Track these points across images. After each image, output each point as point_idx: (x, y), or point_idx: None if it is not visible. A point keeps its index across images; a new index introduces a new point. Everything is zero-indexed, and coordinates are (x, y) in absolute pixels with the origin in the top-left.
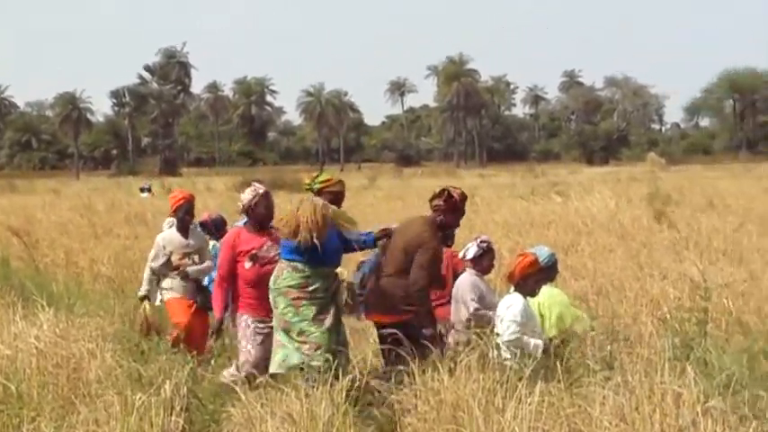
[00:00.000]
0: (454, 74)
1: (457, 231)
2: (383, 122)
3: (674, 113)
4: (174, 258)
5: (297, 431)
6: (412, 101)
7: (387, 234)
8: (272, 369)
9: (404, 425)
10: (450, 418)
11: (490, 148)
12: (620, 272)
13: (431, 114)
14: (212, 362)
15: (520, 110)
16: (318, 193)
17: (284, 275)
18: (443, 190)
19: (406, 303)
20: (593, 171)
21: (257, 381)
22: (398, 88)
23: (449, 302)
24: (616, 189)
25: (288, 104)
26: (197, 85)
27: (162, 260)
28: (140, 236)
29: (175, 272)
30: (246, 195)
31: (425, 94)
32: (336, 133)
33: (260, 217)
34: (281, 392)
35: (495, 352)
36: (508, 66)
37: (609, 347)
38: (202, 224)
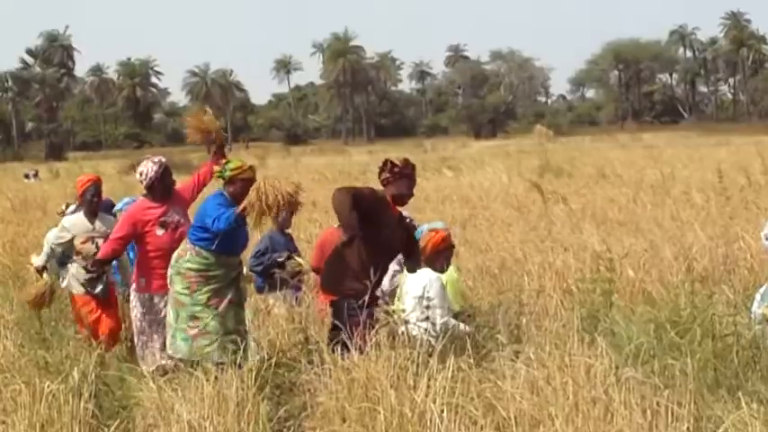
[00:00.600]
0: (340, 51)
1: None
2: (270, 101)
3: (559, 85)
4: (77, 242)
5: (209, 414)
6: (298, 79)
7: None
8: (169, 351)
9: (315, 404)
10: (362, 396)
11: (378, 124)
12: (521, 245)
13: (317, 92)
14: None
15: (407, 85)
16: (230, 180)
17: (187, 257)
18: (385, 162)
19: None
20: (482, 145)
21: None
22: (284, 66)
23: None
24: (507, 162)
25: (173, 85)
26: (80, 69)
27: (62, 241)
28: (34, 222)
29: (78, 256)
30: (151, 169)
31: (311, 71)
32: (223, 113)
33: (168, 186)
34: (190, 376)
35: (403, 328)
36: (393, 42)
37: (516, 321)
38: None
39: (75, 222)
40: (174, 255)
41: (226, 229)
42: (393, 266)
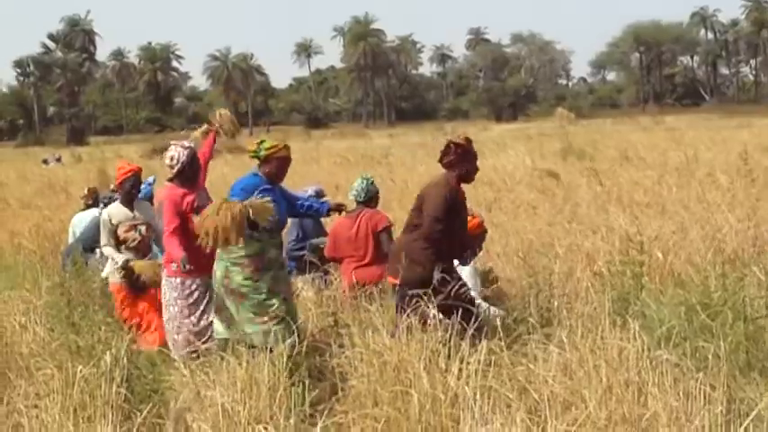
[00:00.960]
0: (360, 34)
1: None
2: (290, 85)
3: (580, 68)
4: (121, 231)
5: (241, 398)
6: (319, 63)
7: (340, 209)
8: (226, 336)
9: (347, 388)
10: (394, 379)
11: (398, 107)
12: (549, 227)
13: (338, 76)
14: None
15: (427, 69)
16: (265, 160)
17: (240, 244)
18: (448, 145)
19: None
20: (503, 128)
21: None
22: (305, 50)
23: (368, 264)
24: (529, 145)
25: (194, 70)
26: (102, 53)
27: (110, 236)
28: (61, 206)
29: (122, 245)
30: (183, 154)
31: (332, 55)
32: (244, 97)
33: (196, 172)
34: (221, 360)
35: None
36: (414, 25)
37: (547, 304)
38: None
39: (116, 212)
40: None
41: None
42: None
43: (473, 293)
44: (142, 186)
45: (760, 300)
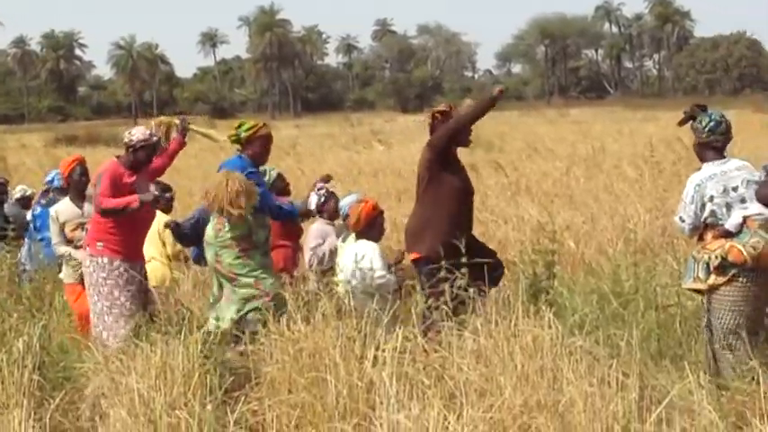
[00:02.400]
0: (266, 24)
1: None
2: (195, 74)
3: (486, 60)
4: (67, 230)
5: (156, 385)
6: (224, 52)
7: (309, 214)
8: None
9: (262, 374)
10: (310, 366)
11: (305, 98)
12: None
13: (244, 66)
14: None
15: (333, 59)
16: (248, 141)
17: (227, 227)
18: (433, 114)
19: (413, 240)
20: (410, 119)
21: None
22: (210, 39)
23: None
24: None
25: (98, 58)
26: (2, 41)
27: (59, 234)
28: None
29: (70, 244)
30: (142, 135)
31: (238, 45)
32: (149, 86)
33: (146, 160)
34: (135, 346)
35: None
36: (320, 16)
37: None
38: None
39: (63, 209)
40: (210, 233)
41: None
42: (315, 240)
43: (381, 272)
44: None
45: (671, 288)
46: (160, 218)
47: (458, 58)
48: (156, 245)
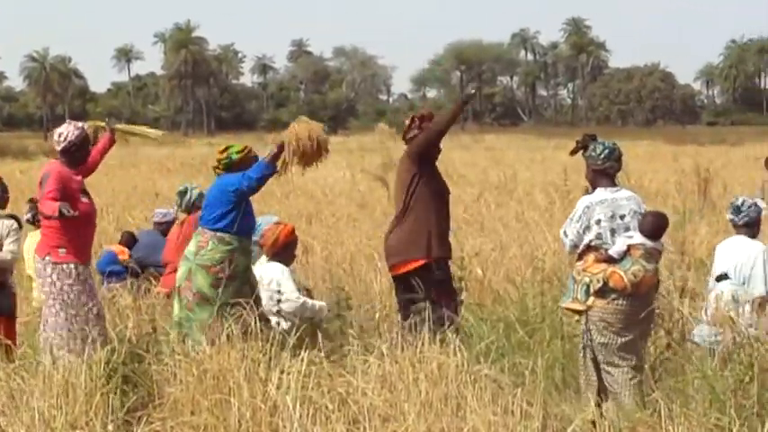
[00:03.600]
0: (182, 41)
1: None
2: (109, 90)
3: (401, 84)
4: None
5: (57, 403)
6: (139, 68)
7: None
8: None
9: (165, 395)
10: (213, 387)
11: (218, 117)
12: (369, 241)
13: (158, 82)
14: None
15: (248, 79)
16: (240, 163)
17: (209, 246)
18: (412, 119)
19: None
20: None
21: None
22: (125, 55)
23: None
24: (349, 159)
25: (10, 70)
26: None
27: None
28: None
29: None
30: (72, 133)
31: (153, 61)
32: (61, 100)
33: (85, 156)
34: (37, 364)
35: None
36: (236, 35)
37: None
38: None
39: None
40: (191, 248)
41: (261, 177)
42: None
43: (290, 295)
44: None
45: (577, 318)
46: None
47: (373, 81)
48: None
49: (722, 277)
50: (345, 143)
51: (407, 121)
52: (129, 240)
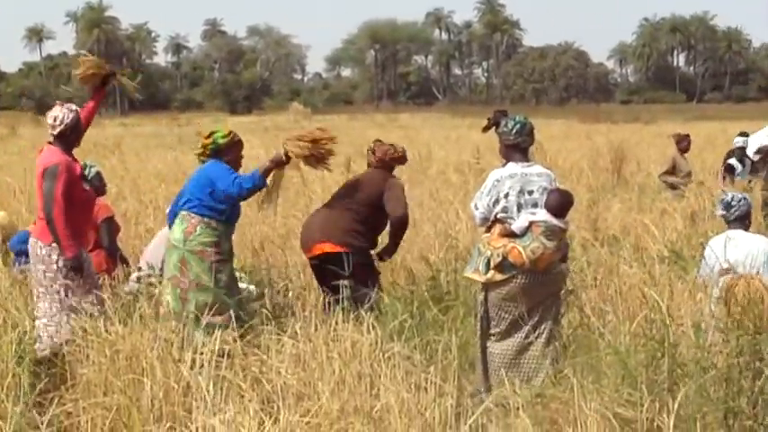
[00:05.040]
0: (94, 21)
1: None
2: (20, 70)
3: (316, 64)
4: None
5: None
6: (50, 48)
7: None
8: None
9: (78, 376)
10: (126, 368)
11: (131, 97)
12: (284, 219)
13: (71, 62)
14: None
15: (162, 58)
16: (226, 149)
17: (198, 231)
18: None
19: (352, 235)
20: (237, 120)
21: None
22: (36, 35)
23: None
24: (264, 138)
25: None
26: None
27: None
28: None
29: None
30: (67, 116)
31: (65, 41)
32: None
33: (79, 137)
34: None
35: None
36: (149, 14)
37: (282, 297)
38: None
39: None
40: (177, 235)
41: (252, 188)
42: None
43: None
44: None
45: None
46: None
47: (287, 61)
48: None
49: (726, 271)
50: (260, 123)
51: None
52: None
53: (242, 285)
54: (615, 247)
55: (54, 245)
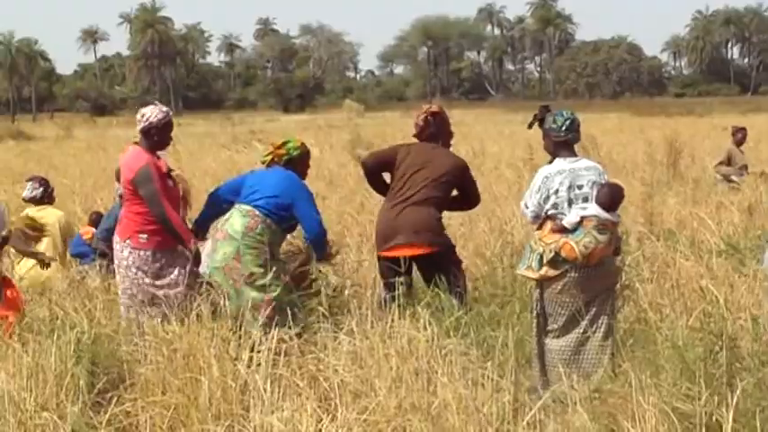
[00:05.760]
0: (147, 22)
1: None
2: (76, 71)
3: (368, 61)
4: None
5: (27, 385)
6: (105, 49)
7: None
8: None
9: (136, 375)
10: (184, 367)
11: (185, 96)
12: (338, 217)
13: (124, 63)
14: None
15: (215, 58)
16: (299, 159)
17: (259, 230)
18: (426, 119)
19: (438, 233)
20: (291, 119)
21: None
22: (91, 36)
23: None
24: (318, 136)
25: None
26: None
27: None
28: None
29: None
30: (155, 115)
31: (119, 42)
32: (28, 82)
33: (165, 141)
34: (6, 347)
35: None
36: (202, 14)
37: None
38: None
39: None
40: (237, 227)
41: (317, 233)
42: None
43: None
44: None
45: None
46: (58, 216)
47: (340, 59)
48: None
49: None
50: (313, 121)
51: (422, 122)
52: (97, 220)
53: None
54: (671, 240)
55: (127, 242)
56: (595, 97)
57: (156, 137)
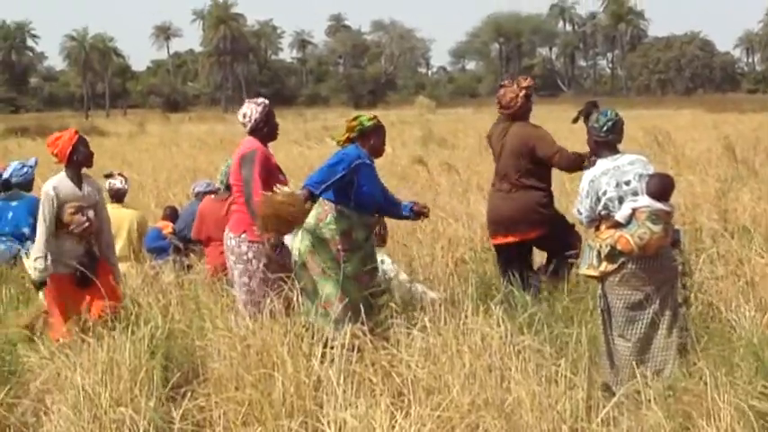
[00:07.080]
0: (220, 18)
1: None
2: (149, 67)
3: (440, 57)
4: (67, 213)
5: (102, 380)
6: (178, 45)
7: (423, 214)
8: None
9: (209, 371)
10: (257, 363)
11: (258, 93)
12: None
13: (197, 59)
14: None
15: (287, 54)
16: (374, 131)
17: (328, 219)
18: (515, 96)
19: (539, 211)
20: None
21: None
22: (164, 32)
23: None
24: (390, 132)
25: (50, 49)
26: None
27: (52, 215)
28: None
29: (65, 230)
30: (255, 111)
31: (192, 38)
32: (101, 78)
33: (274, 129)
34: (82, 342)
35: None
36: (274, 10)
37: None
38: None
39: (63, 186)
40: (311, 220)
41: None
42: None
43: (404, 276)
44: (23, 169)
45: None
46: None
47: (412, 55)
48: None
49: None
50: (385, 117)
51: (508, 99)
52: (173, 215)
53: (386, 268)
54: (746, 237)
55: (243, 236)
56: (668, 93)
57: (266, 128)
